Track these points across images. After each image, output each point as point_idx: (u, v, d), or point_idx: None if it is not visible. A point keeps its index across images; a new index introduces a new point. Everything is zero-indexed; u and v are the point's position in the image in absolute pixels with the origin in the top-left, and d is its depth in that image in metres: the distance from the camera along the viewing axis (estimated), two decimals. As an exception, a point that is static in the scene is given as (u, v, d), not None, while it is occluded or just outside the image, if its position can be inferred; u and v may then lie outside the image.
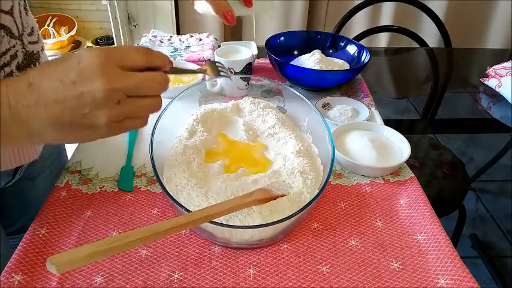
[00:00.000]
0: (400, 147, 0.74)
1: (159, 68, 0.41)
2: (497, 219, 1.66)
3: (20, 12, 0.55)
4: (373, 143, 0.72)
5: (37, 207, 0.60)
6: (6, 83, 0.37)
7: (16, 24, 0.54)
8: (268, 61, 1.01)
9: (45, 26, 2.21)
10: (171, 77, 0.97)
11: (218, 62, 0.57)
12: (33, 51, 0.58)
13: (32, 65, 0.57)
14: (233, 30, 2.15)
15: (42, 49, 0.61)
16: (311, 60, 0.95)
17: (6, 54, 0.52)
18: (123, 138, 0.76)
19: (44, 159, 0.63)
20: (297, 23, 2.04)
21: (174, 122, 0.70)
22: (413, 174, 0.70)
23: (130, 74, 0.38)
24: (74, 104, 0.36)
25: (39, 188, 0.63)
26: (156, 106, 0.41)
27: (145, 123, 0.42)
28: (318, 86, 0.95)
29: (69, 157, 0.72)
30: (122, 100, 0.37)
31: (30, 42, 0.57)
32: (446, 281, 0.52)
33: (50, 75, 0.37)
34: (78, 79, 0.36)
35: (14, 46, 0.53)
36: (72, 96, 0.36)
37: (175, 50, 1.11)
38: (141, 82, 0.38)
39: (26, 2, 0.58)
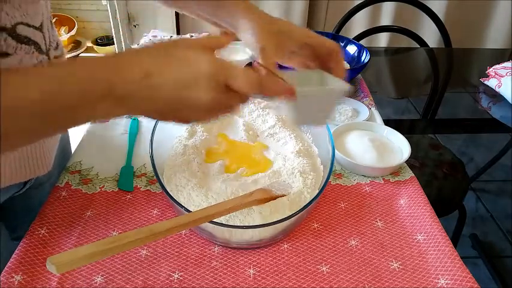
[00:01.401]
0: (400, 147, 0.74)
1: None
2: (497, 219, 1.66)
3: (48, 27, 0.55)
4: (373, 143, 0.72)
5: None
6: (113, 69, 0.38)
7: (45, 40, 0.54)
8: (268, 61, 1.01)
9: (45, 26, 2.20)
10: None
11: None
12: None
13: None
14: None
15: None
16: (311, 60, 0.95)
17: None
18: (123, 138, 0.76)
19: (53, 168, 0.64)
20: (297, 23, 2.03)
21: (174, 122, 0.70)
22: (413, 174, 0.70)
23: (232, 96, 0.42)
24: (178, 103, 0.40)
25: (44, 194, 0.64)
26: (236, 111, 0.45)
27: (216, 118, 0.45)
28: (318, 86, 0.95)
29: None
30: (215, 108, 0.42)
31: (55, 57, 0.57)
32: (446, 281, 0.52)
33: (167, 69, 0.39)
34: (193, 84, 0.39)
35: (41, 61, 0.53)
36: (180, 97, 0.39)
37: (175, 50, 1.11)
38: (234, 102, 0.43)
39: (51, 15, 0.58)
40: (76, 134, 0.75)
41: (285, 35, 0.56)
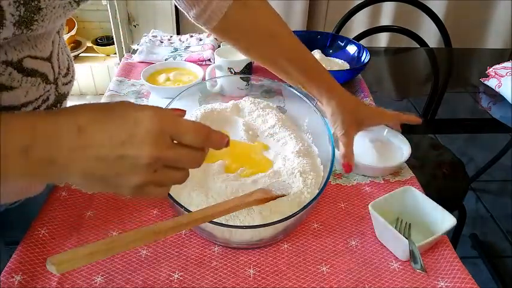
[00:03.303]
0: (400, 147, 0.73)
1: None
2: (497, 219, 1.66)
3: (58, 54, 0.52)
4: (373, 143, 0.72)
5: None
6: (49, 119, 0.35)
7: (53, 69, 0.51)
8: (268, 61, 1.01)
9: (45, 26, 2.19)
10: (172, 77, 0.96)
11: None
12: (64, 92, 0.55)
13: (58, 104, 0.54)
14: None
15: (72, 87, 0.59)
16: (311, 60, 0.95)
17: (39, 99, 0.49)
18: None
19: None
20: (297, 23, 2.04)
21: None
22: (413, 175, 0.70)
23: (177, 148, 0.38)
24: (113, 163, 0.35)
25: (40, 202, 0.63)
26: (183, 179, 0.41)
27: (166, 194, 0.41)
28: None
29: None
30: (158, 169, 0.37)
31: (64, 84, 0.54)
32: (446, 283, 0.52)
33: (102, 126, 0.35)
34: (129, 141, 0.35)
35: (48, 91, 0.51)
36: (115, 155, 0.35)
37: (175, 50, 1.11)
38: (184, 157, 0.38)
39: (63, 37, 0.55)
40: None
41: (363, 123, 0.69)
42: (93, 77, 2.25)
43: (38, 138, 0.34)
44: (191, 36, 1.18)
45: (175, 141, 0.38)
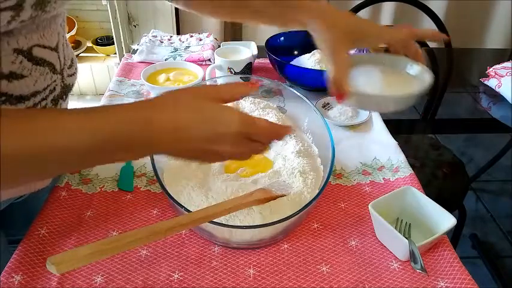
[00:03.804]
0: (417, 76, 0.59)
1: None
2: (497, 219, 1.66)
3: (63, 46, 0.55)
4: (384, 73, 0.59)
5: None
6: (150, 120, 0.40)
7: (59, 59, 0.54)
8: (268, 61, 1.01)
9: (45, 26, 2.19)
10: (172, 77, 0.96)
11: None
12: (69, 83, 0.58)
13: (64, 96, 0.57)
14: (233, 31, 2.15)
15: (76, 79, 0.62)
16: (311, 60, 0.95)
17: (47, 89, 0.52)
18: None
19: None
20: (297, 23, 2.04)
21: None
22: (413, 172, 0.70)
23: (253, 145, 0.45)
24: (202, 154, 0.44)
25: (42, 199, 0.64)
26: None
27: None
28: (318, 86, 0.95)
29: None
30: (237, 156, 0.46)
31: (69, 75, 0.58)
32: (446, 284, 0.52)
33: (198, 128, 0.41)
34: (217, 140, 0.42)
35: (54, 81, 0.54)
36: (204, 149, 0.42)
37: (175, 50, 1.11)
38: (252, 152, 0.47)
39: (66, 32, 0.58)
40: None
41: (357, 37, 0.57)
42: (93, 77, 2.25)
43: (138, 142, 0.40)
44: (191, 36, 1.18)
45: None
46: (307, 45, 1.09)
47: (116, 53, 2.12)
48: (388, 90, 0.55)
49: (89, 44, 2.27)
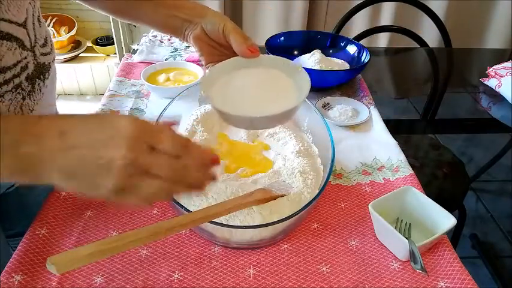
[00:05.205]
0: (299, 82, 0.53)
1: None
2: (497, 219, 1.66)
3: (34, 24, 0.55)
4: (261, 83, 0.55)
5: (36, 211, 0.60)
6: (34, 120, 0.38)
7: (29, 36, 0.54)
8: (268, 61, 1.01)
9: (45, 26, 2.19)
10: (172, 77, 0.96)
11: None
12: (44, 62, 0.58)
13: (41, 76, 0.58)
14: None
15: (53, 60, 0.61)
16: (311, 60, 0.95)
17: (17, 65, 0.52)
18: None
19: None
20: (297, 23, 2.04)
21: (174, 122, 0.70)
22: (413, 171, 0.70)
23: (153, 154, 0.38)
24: (91, 164, 0.37)
25: (39, 192, 0.64)
26: (161, 190, 0.40)
27: (146, 203, 0.41)
28: (318, 86, 0.95)
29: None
30: (134, 175, 0.38)
31: (42, 54, 0.58)
32: (446, 284, 0.52)
33: (83, 128, 0.38)
34: (107, 143, 0.37)
35: (25, 58, 0.53)
36: (93, 156, 0.37)
37: (175, 50, 1.11)
38: (159, 162, 0.39)
39: (40, 13, 0.58)
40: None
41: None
42: (93, 77, 2.25)
43: (26, 136, 0.37)
44: (191, 36, 1.18)
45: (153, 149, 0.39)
46: (307, 45, 1.10)
47: (116, 53, 2.12)
48: (261, 105, 0.52)
49: (89, 44, 2.27)
